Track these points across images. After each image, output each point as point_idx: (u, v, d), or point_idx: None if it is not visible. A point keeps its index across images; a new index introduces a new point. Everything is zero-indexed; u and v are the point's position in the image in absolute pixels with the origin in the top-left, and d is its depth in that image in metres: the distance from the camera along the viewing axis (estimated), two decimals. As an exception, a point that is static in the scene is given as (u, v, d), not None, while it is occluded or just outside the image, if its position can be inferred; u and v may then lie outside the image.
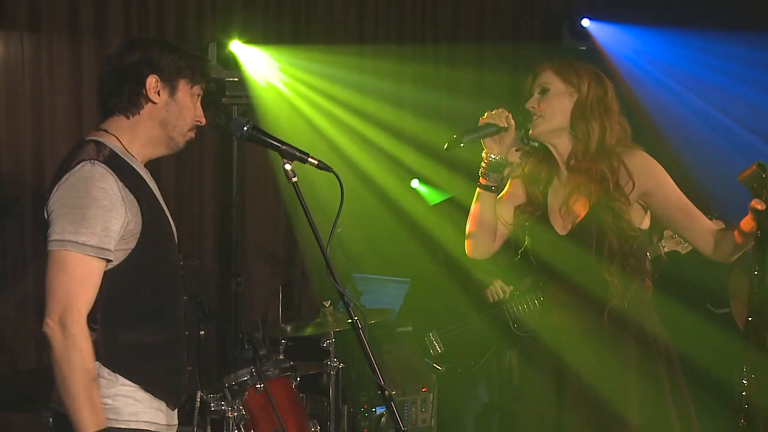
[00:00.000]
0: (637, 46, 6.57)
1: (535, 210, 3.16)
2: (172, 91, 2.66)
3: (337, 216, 2.60)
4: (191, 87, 2.69)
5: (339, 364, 4.29)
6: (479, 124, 3.07)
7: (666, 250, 3.99)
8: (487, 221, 3.18)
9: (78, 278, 2.47)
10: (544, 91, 3.07)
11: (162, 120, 2.66)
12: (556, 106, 3.05)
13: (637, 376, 3.02)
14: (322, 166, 2.59)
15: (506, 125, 3.04)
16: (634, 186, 3.00)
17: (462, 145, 3.00)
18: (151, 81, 2.63)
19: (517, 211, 3.19)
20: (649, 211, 3.08)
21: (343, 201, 2.59)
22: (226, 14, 5.60)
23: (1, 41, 4.96)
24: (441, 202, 5.13)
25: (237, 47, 5.37)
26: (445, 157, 6.16)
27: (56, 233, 2.47)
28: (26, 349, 5.02)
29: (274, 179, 5.75)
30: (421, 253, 4.86)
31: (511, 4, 6.70)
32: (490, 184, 3.14)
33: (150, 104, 2.64)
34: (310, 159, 2.58)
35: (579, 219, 3.06)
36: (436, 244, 4.66)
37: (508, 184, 3.23)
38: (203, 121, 2.75)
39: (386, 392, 2.48)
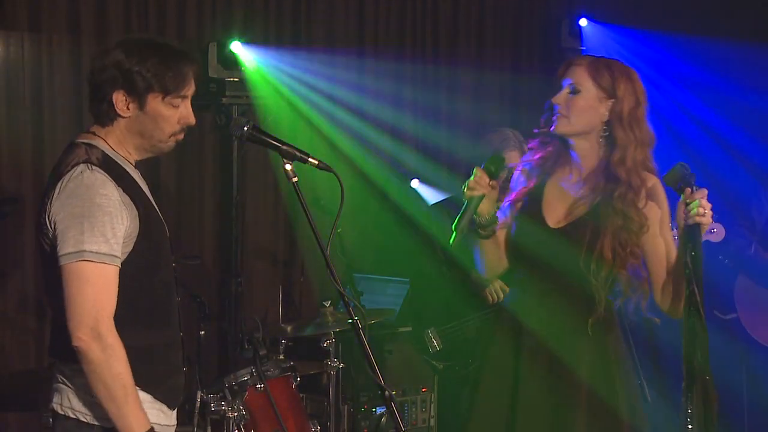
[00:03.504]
0: (635, 47, 6.57)
1: (529, 197, 3.13)
2: (141, 105, 2.58)
3: (337, 216, 2.61)
4: (162, 99, 2.59)
5: (339, 364, 4.29)
6: (466, 198, 3.01)
7: None
8: (494, 257, 3.17)
9: (101, 287, 2.47)
10: (574, 91, 3.02)
11: (138, 131, 2.62)
12: (583, 109, 3.01)
13: (590, 344, 3.04)
14: (322, 166, 2.59)
15: (489, 190, 3.01)
16: (645, 204, 2.99)
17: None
18: (118, 97, 2.57)
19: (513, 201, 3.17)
20: None
21: (343, 201, 2.59)
22: (226, 14, 5.60)
23: (1, 41, 4.96)
24: (441, 201, 5.13)
25: (237, 47, 5.37)
26: (445, 157, 6.20)
27: (70, 246, 2.46)
28: (26, 349, 5.02)
29: (274, 179, 5.75)
30: (420, 252, 4.86)
31: (511, 4, 6.70)
32: (489, 234, 3.10)
33: (121, 118, 2.61)
34: (310, 159, 2.58)
35: (577, 217, 3.04)
36: (435, 244, 4.66)
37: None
38: (191, 121, 2.67)
39: (386, 392, 2.49)
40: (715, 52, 6.35)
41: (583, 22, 6.52)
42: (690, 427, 2.49)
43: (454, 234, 3.02)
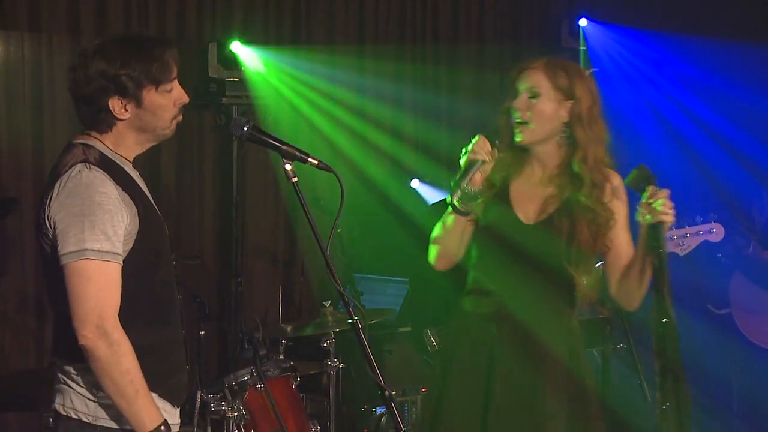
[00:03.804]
0: (635, 47, 6.58)
1: (495, 196, 3.10)
2: (138, 102, 2.59)
3: (337, 216, 2.61)
4: (156, 90, 2.60)
5: (339, 364, 4.29)
6: (465, 161, 3.00)
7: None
8: (458, 240, 3.13)
9: (105, 285, 2.47)
10: (534, 96, 3.03)
11: (139, 127, 2.63)
12: (545, 113, 3.01)
13: (572, 334, 3.08)
14: (322, 166, 2.59)
15: (489, 158, 2.99)
16: (611, 200, 3.01)
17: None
18: (114, 103, 2.57)
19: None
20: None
21: (343, 201, 2.60)
22: (226, 14, 5.60)
23: (1, 41, 4.96)
24: (440, 201, 5.13)
25: (237, 47, 5.37)
26: (445, 157, 6.19)
27: (71, 244, 2.46)
28: (26, 349, 5.02)
29: (274, 179, 5.75)
30: (420, 252, 4.86)
31: (510, 4, 6.71)
32: (467, 210, 3.07)
33: (120, 120, 2.61)
34: (310, 159, 2.58)
35: (549, 213, 3.04)
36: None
37: None
38: (186, 99, 2.67)
39: (386, 392, 2.49)
40: (715, 52, 6.35)
41: (583, 22, 6.52)
42: (664, 423, 2.52)
43: (453, 189, 2.98)
